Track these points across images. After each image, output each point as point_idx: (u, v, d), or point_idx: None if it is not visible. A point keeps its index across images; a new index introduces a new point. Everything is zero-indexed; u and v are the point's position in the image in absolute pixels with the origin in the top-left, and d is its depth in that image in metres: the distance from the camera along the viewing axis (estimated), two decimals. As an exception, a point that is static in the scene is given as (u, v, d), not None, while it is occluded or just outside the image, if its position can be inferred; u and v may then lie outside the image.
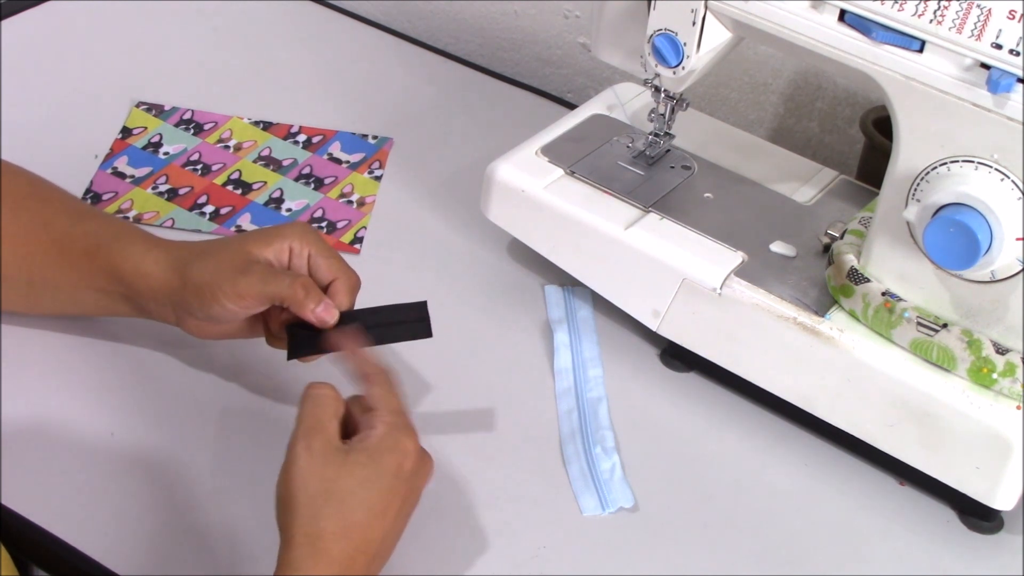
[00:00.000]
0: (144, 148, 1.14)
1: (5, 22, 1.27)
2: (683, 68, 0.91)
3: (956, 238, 0.79)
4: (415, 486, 0.76)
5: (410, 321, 0.85)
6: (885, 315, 0.86)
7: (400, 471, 0.74)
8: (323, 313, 0.82)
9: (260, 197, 1.09)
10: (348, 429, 0.77)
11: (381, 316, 0.85)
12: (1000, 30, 0.76)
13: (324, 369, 0.85)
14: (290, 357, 0.84)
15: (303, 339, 0.84)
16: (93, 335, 0.95)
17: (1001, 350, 0.83)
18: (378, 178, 1.13)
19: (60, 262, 0.87)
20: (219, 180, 1.11)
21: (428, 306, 0.85)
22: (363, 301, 0.90)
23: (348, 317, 0.83)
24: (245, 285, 0.81)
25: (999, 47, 0.77)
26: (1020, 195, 0.79)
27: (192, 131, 1.16)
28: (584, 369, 0.96)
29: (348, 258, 1.04)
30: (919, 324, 0.85)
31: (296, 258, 0.84)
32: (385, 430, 0.75)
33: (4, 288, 0.88)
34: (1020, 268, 0.81)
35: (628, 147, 1.03)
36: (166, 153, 1.13)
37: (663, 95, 0.98)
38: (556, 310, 1.00)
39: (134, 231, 0.88)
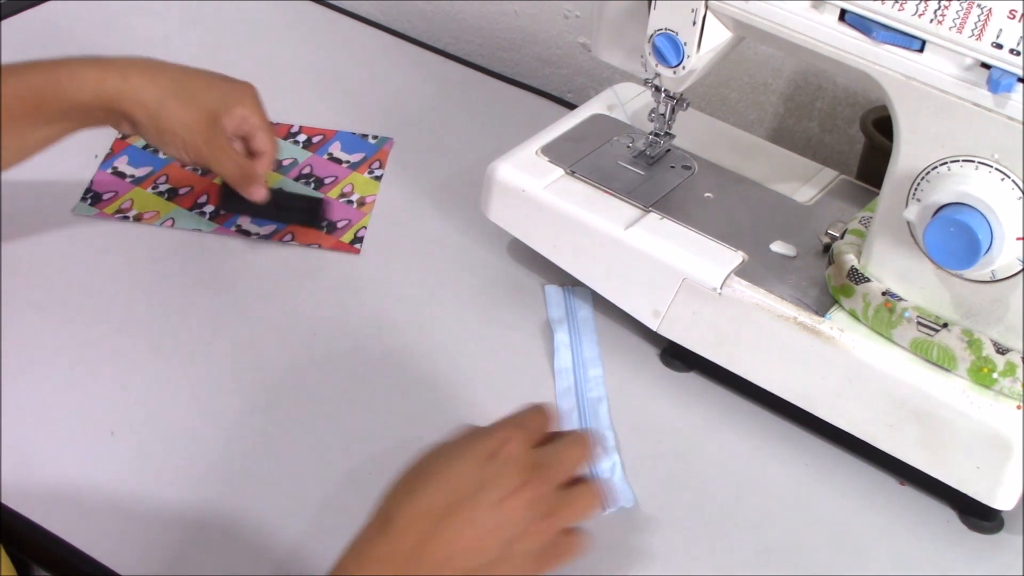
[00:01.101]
0: (144, 148, 1.14)
1: (5, 22, 1.27)
2: (683, 68, 0.91)
3: (956, 238, 0.79)
4: (504, 471, 0.67)
5: (306, 210, 1.06)
6: (885, 315, 0.86)
7: (485, 451, 0.67)
8: (256, 194, 0.98)
9: (260, 197, 1.09)
10: None
11: (290, 200, 1.06)
12: (1000, 30, 0.76)
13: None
14: (222, 208, 1.06)
15: (232, 198, 1.01)
16: (93, 335, 0.95)
17: (1001, 350, 0.83)
18: (378, 178, 1.13)
19: (5, 126, 0.90)
20: (219, 180, 1.11)
21: (324, 205, 1.07)
22: (362, 300, 0.91)
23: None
24: (206, 154, 0.95)
25: (999, 47, 0.77)
26: (1020, 195, 0.79)
27: (192, 131, 1.16)
28: (584, 369, 0.96)
29: (348, 258, 1.04)
30: (919, 324, 0.85)
31: (245, 124, 0.97)
32: (501, 423, 0.70)
33: None
34: (1020, 268, 0.81)
35: (628, 147, 1.03)
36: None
37: (663, 95, 0.98)
38: (556, 310, 1.00)
39: (73, 61, 0.92)
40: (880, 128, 1.05)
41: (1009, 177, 0.79)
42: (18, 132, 0.91)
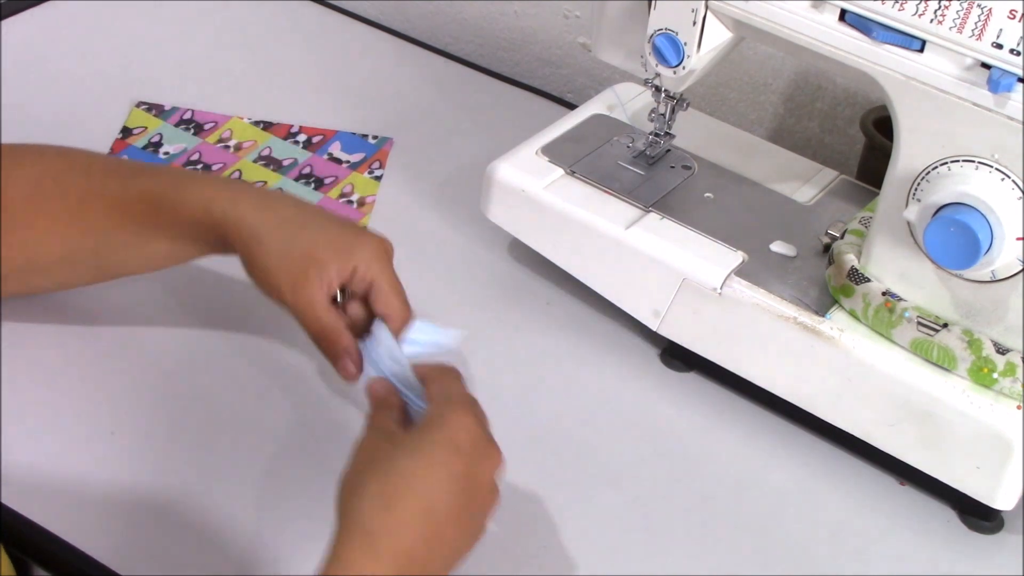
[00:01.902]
0: (144, 148, 1.14)
1: (5, 22, 1.27)
2: (683, 68, 0.91)
3: (956, 238, 0.79)
4: (477, 468, 0.70)
5: None
6: (885, 315, 0.86)
7: (450, 443, 0.69)
8: (343, 369, 0.82)
9: (260, 197, 1.09)
10: None
11: None
12: (1001, 30, 0.76)
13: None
14: None
15: None
16: (94, 335, 0.95)
17: (1001, 350, 0.83)
18: (378, 178, 1.13)
19: (123, 225, 0.86)
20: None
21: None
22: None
23: None
24: (287, 298, 0.82)
25: (1000, 47, 0.77)
26: (1020, 195, 0.79)
27: (192, 131, 1.16)
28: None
29: (348, 258, 1.04)
30: (919, 324, 0.85)
31: (357, 279, 0.82)
32: (437, 410, 0.72)
33: (74, 268, 0.88)
34: (1020, 268, 0.81)
35: (628, 147, 1.03)
36: (166, 153, 1.13)
37: (663, 95, 0.98)
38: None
39: (192, 175, 0.89)
40: (880, 128, 1.05)
41: (1009, 177, 0.79)
42: (139, 236, 0.86)
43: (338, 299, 0.83)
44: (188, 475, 0.85)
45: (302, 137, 1.17)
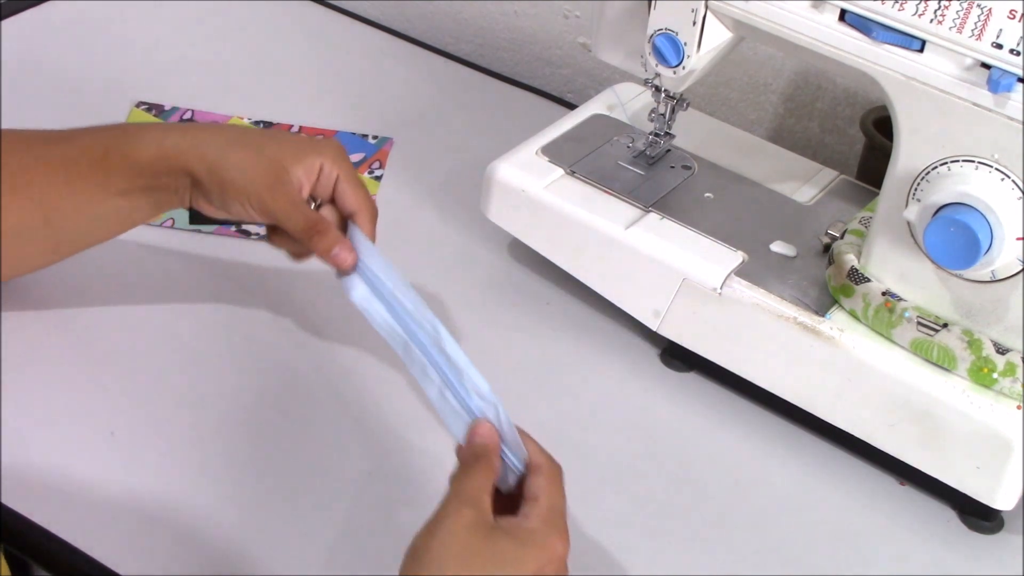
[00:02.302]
0: (144, 148, 1.14)
1: (5, 22, 1.27)
2: (683, 68, 0.91)
3: (956, 238, 0.79)
4: None
5: None
6: (885, 315, 0.86)
7: (541, 571, 0.69)
8: (340, 256, 0.83)
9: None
10: (497, 503, 0.73)
11: None
12: (1000, 30, 0.76)
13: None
14: (192, 222, 0.89)
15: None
16: (93, 335, 0.95)
17: (1001, 350, 0.83)
18: (378, 178, 1.13)
19: (70, 185, 0.85)
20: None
21: None
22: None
23: None
24: (269, 204, 0.83)
25: (999, 47, 0.77)
26: (1020, 195, 0.79)
27: (192, 131, 1.16)
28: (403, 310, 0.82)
29: (348, 258, 1.04)
30: (919, 324, 0.85)
31: (324, 177, 0.85)
32: (540, 525, 0.71)
33: (25, 245, 0.86)
34: (1020, 268, 0.81)
35: (628, 147, 1.03)
36: (166, 153, 1.13)
37: (663, 95, 0.98)
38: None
39: (138, 125, 0.87)
40: (880, 128, 1.05)
41: (1009, 177, 0.79)
42: (88, 194, 0.86)
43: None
44: (188, 475, 0.85)
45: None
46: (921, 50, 0.80)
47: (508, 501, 0.73)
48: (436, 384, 0.78)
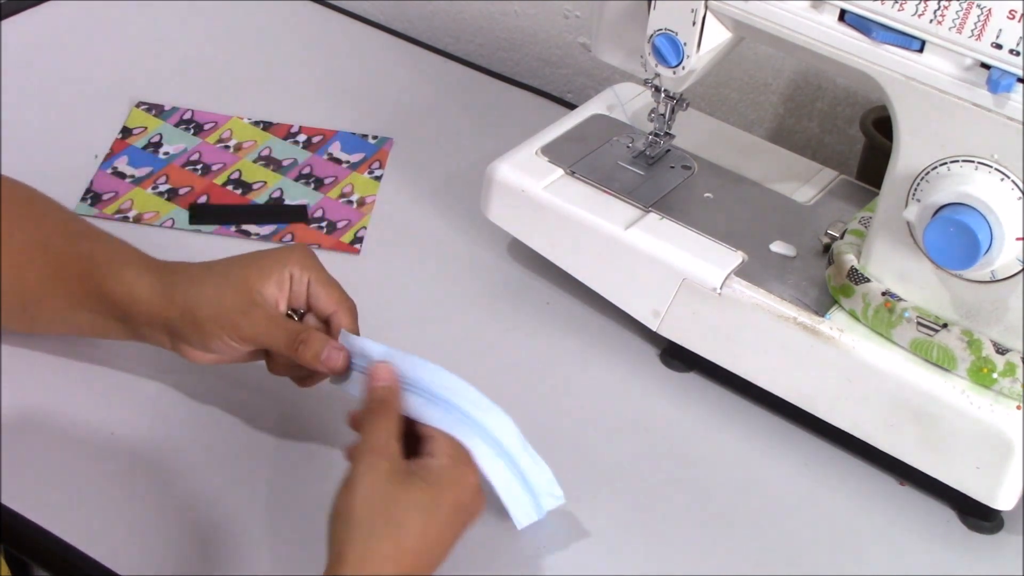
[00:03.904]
0: (144, 148, 1.14)
1: (5, 22, 1.27)
2: (683, 68, 0.91)
3: (956, 238, 0.79)
4: (466, 522, 0.75)
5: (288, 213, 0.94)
6: (885, 315, 0.86)
7: (459, 505, 0.73)
8: (329, 360, 0.81)
9: (260, 197, 1.09)
10: (405, 444, 0.76)
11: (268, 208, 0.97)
12: (1000, 30, 0.76)
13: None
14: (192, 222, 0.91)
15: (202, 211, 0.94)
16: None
17: (1001, 350, 0.83)
18: (378, 178, 1.13)
19: (55, 284, 0.85)
20: (219, 180, 1.11)
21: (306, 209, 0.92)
22: (362, 300, 0.90)
23: None
24: (247, 329, 0.81)
25: (999, 47, 0.77)
26: (1020, 195, 0.79)
27: (192, 131, 1.16)
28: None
29: (348, 258, 1.04)
30: (919, 324, 0.85)
31: (296, 284, 0.83)
32: (449, 462, 0.74)
33: (3, 310, 0.87)
34: (1020, 268, 0.81)
35: (628, 147, 1.03)
36: (166, 153, 1.13)
37: (663, 95, 0.98)
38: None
39: (128, 253, 0.86)
40: (880, 128, 1.05)
41: (1009, 177, 0.79)
42: (66, 301, 0.85)
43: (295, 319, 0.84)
44: (188, 475, 0.85)
45: (302, 137, 1.17)
46: (921, 50, 0.80)
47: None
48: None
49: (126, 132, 1.15)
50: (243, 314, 0.81)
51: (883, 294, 0.87)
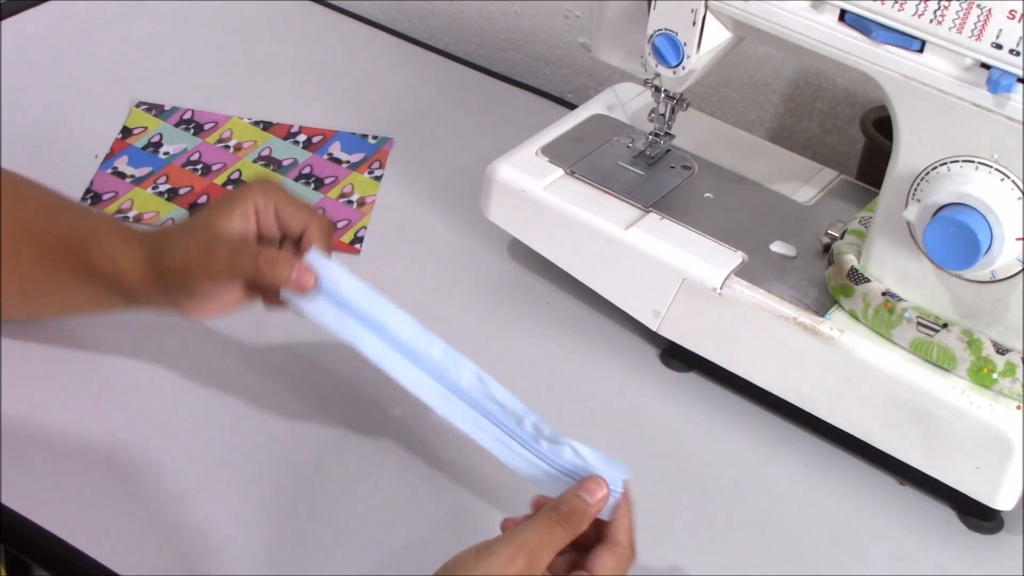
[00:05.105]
0: (144, 148, 1.14)
1: (5, 22, 1.27)
2: (683, 68, 0.91)
3: (956, 238, 0.79)
4: None
5: None
6: (885, 315, 0.86)
7: None
8: (299, 279, 0.79)
9: (260, 197, 1.09)
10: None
11: None
12: (1000, 30, 0.76)
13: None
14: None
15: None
16: (93, 335, 0.95)
17: (1001, 350, 0.83)
18: (378, 178, 1.13)
19: (45, 266, 0.85)
20: (219, 180, 1.11)
21: None
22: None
23: None
24: (214, 266, 0.80)
25: (999, 47, 0.77)
26: (1020, 195, 0.79)
27: (192, 131, 1.16)
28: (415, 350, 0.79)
29: (348, 258, 1.04)
30: (919, 324, 0.85)
31: (263, 215, 0.82)
32: (621, 553, 0.71)
33: (4, 299, 0.87)
34: (1020, 268, 0.81)
35: (628, 147, 1.03)
36: (166, 153, 1.13)
37: (663, 95, 0.98)
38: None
39: (107, 226, 0.86)
40: (880, 128, 1.05)
41: (1009, 177, 0.79)
42: (62, 280, 0.85)
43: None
44: (188, 475, 0.85)
45: (302, 137, 1.17)
46: (921, 50, 0.80)
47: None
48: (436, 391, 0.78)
49: (126, 132, 1.15)
50: (208, 252, 0.80)
51: (883, 294, 0.87)
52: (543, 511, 0.70)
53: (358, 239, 1.06)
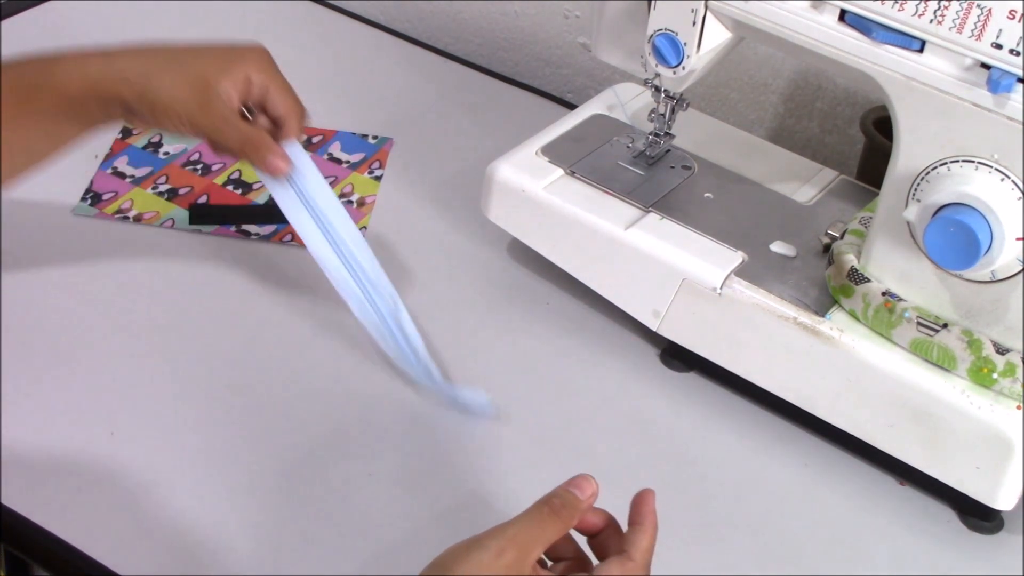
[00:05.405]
0: (144, 148, 1.14)
1: (5, 22, 1.27)
2: (683, 68, 0.91)
3: (956, 238, 0.79)
4: None
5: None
6: (885, 315, 0.86)
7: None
8: (276, 166, 0.85)
9: (260, 197, 1.09)
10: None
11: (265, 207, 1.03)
12: (1000, 30, 0.76)
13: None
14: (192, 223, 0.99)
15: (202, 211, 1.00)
16: (93, 335, 0.95)
17: (1001, 350, 0.83)
18: (378, 178, 1.13)
19: (11, 107, 0.84)
20: (219, 180, 1.11)
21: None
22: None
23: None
24: (203, 123, 0.83)
25: (999, 47, 0.77)
26: (1020, 195, 0.79)
27: (192, 131, 1.16)
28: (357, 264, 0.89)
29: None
30: (919, 324, 0.85)
31: (254, 88, 0.85)
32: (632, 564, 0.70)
33: None
34: (1020, 268, 0.81)
35: (628, 147, 1.03)
36: (166, 153, 1.13)
37: (663, 95, 0.98)
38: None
39: (68, 51, 0.86)
40: (880, 128, 1.05)
41: (1009, 177, 0.79)
42: (21, 130, 0.85)
43: (248, 117, 0.86)
44: (188, 475, 0.85)
45: (302, 137, 1.17)
46: (921, 50, 0.80)
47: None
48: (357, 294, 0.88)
49: (126, 132, 1.15)
50: (200, 108, 0.83)
51: (883, 294, 0.87)
52: (534, 505, 0.70)
53: (358, 239, 1.06)
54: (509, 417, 0.92)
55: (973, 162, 0.80)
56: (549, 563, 0.72)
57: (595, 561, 0.72)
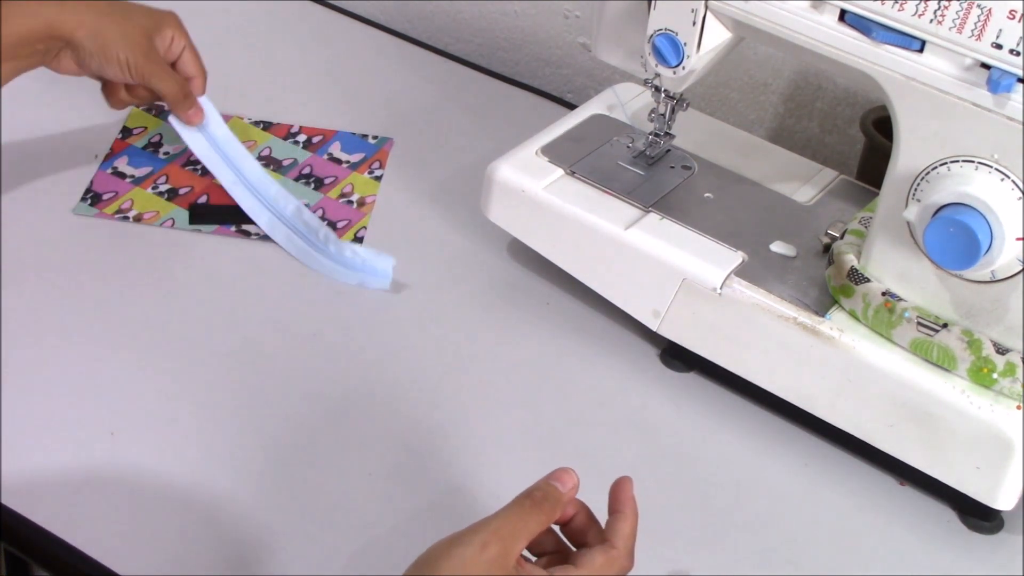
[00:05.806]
0: (144, 148, 1.14)
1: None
2: (683, 68, 0.91)
3: (956, 238, 0.79)
4: None
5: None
6: (885, 315, 0.86)
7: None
8: (194, 115, 1.03)
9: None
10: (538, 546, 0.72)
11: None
12: (1000, 30, 0.76)
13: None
14: (193, 223, 1.07)
15: (203, 211, 1.07)
16: (93, 335, 0.95)
17: (1001, 350, 0.83)
18: (378, 178, 1.13)
19: None
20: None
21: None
22: (362, 300, 0.91)
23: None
24: (147, 71, 0.97)
25: (999, 47, 0.77)
26: (1020, 195, 0.79)
27: (192, 131, 1.16)
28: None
29: (348, 258, 1.04)
30: (919, 324, 0.85)
31: (174, 46, 1.00)
32: (616, 554, 0.69)
33: None
34: (1020, 268, 0.81)
35: (628, 147, 1.03)
36: (166, 153, 1.13)
37: (663, 95, 0.98)
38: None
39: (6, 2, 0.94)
40: (880, 128, 1.05)
41: (1009, 177, 0.79)
42: None
43: None
44: (188, 475, 0.85)
45: (302, 137, 1.17)
46: (921, 50, 0.80)
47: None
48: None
49: (126, 132, 1.15)
50: (146, 57, 0.97)
51: (883, 294, 0.87)
52: (516, 498, 0.70)
53: (358, 239, 1.06)
54: (507, 417, 0.92)
55: (973, 162, 0.80)
56: (533, 558, 0.72)
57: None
